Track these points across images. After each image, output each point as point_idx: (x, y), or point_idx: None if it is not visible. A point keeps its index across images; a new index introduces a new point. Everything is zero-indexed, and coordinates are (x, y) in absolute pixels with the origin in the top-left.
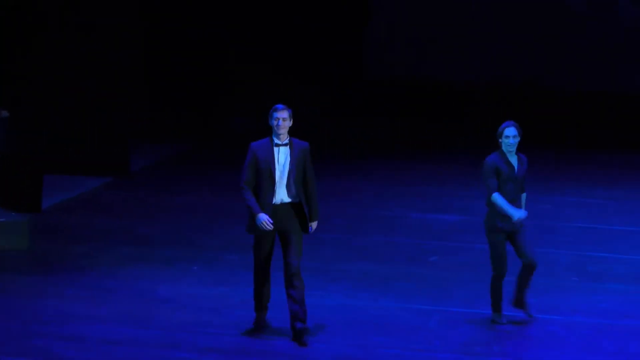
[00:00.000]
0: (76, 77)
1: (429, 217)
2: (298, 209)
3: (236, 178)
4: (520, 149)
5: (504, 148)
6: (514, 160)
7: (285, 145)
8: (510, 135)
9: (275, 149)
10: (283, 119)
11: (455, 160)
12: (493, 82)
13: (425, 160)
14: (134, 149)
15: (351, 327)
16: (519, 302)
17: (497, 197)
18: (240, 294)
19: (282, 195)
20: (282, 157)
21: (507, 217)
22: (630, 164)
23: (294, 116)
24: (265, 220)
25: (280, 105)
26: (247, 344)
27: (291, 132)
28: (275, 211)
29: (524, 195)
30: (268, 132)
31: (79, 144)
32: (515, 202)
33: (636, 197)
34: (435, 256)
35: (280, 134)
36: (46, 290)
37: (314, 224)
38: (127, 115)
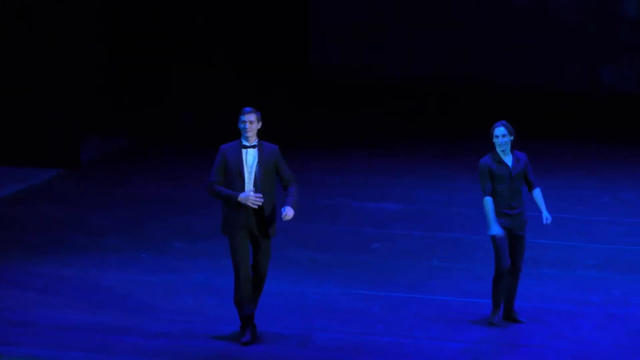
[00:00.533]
0: (27, 69)
1: (370, 206)
2: (267, 210)
3: (182, 169)
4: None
5: (496, 148)
6: (508, 159)
7: (254, 147)
8: (499, 135)
9: (244, 150)
10: (250, 122)
11: (395, 150)
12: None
13: (366, 151)
14: (84, 141)
15: (295, 312)
16: (508, 315)
17: (486, 202)
18: (188, 280)
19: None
20: (250, 158)
21: (505, 214)
22: (559, 153)
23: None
24: (251, 195)
25: (247, 109)
26: (195, 329)
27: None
28: (246, 211)
29: (537, 191)
30: (210, 124)
31: (29, 136)
32: (514, 200)
33: (568, 186)
34: (377, 243)
35: (248, 137)
36: None
37: (289, 211)
38: (78, 107)
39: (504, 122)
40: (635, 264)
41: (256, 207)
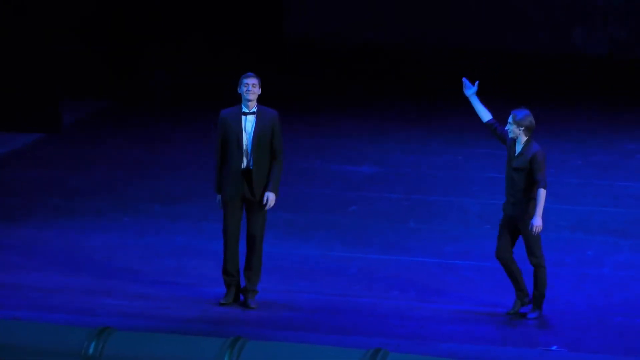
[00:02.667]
0: (6, 36)
1: (347, 169)
2: (263, 177)
3: (160, 132)
4: None
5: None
6: (518, 147)
7: (253, 113)
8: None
9: (243, 117)
10: (253, 84)
11: (371, 114)
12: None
13: (342, 114)
14: (63, 104)
15: (275, 274)
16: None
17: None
18: (169, 243)
19: (249, 162)
20: (249, 125)
21: (507, 201)
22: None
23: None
24: (218, 203)
25: (250, 73)
26: (176, 291)
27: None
28: (243, 177)
29: (538, 192)
30: (186, 87)
31: (9, 101)
32: (513, 195)
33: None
34: (354, 206)
35: (249, 101)
36: None
37: (270, 196)
38: (57, 71)
39: (515, 110)
40: (608, 225)
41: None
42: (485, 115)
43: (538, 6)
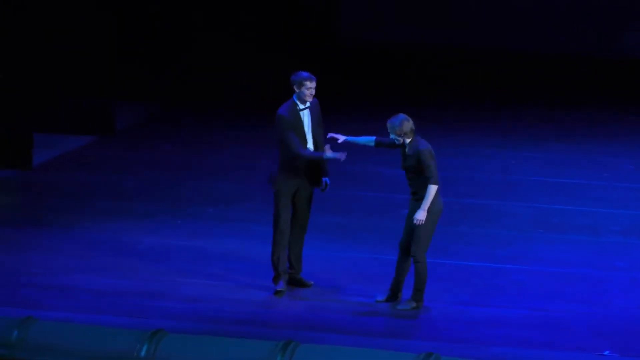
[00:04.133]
0: (60, 40)
1: (398, 172)
2: (318, 164)
3: (212, 135)
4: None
5: None
6: (407, 149)
7: (307, 108)
8: None
9: (301, 113)
10: (314, 87)
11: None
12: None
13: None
14: (117, 108)
15: (325, 276)
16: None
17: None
18: (219, 245)
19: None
20: (306, 119)
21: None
22: (584, 120)
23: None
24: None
25: (313, 76)
26: (226, 293)
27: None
28: (299, 167)
29: (429, 188)
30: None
31: (64, 104)
32: (414, 193)
33: (591, 152)
34: (405, 210)
35: (307, 101)
36: (35, 244)
37: (328, 181)
38: (112, 75)
39: (391, 120)
40: None
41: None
42: (367, 139)
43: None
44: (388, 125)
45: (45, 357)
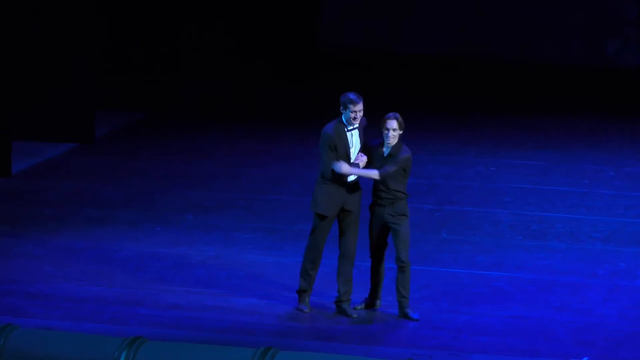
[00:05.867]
0: (41, 46)
1: None
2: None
3: (192, 143)
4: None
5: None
6: (385, 149)
7: (356, 128)
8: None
9: (349, 133)
10: (360, 111)
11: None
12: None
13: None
14: (97, 115)
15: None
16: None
17: None
18: (200, 253)
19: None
20: (354, 140)
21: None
22: (565, 128)
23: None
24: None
25: (357, 98)
26: (207, 301)
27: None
28: (348, 189)
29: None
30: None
31: (44, 112)
32: (381, 199)
33: (572, 159)
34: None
35: (354, 124)
36: (16, 251)
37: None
38: (91, 83)
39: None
40: None
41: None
42: (372, 171)
43: (568, 19)
44: (396, 120)
45: None
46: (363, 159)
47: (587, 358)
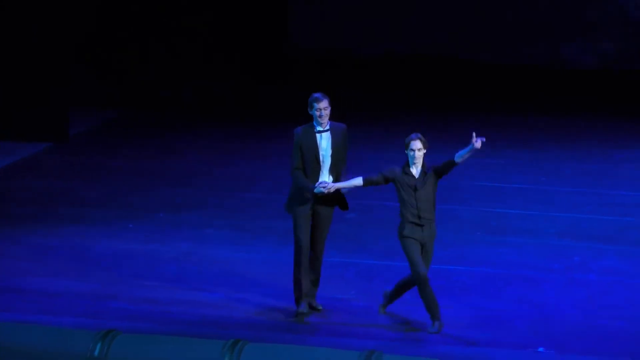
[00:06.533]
0: (13, 47)
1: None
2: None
3: (165, 142)
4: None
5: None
6: (416, 171)
7: (327, 130)
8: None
9: (318, 135)
10: (324, 108)
11: (375, 124)
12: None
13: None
14: (71, 115)
15: (273, 279)
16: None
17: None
18: (172, 249)
19: (325, 177)
20: (324, 142)
21: None
22: (523, 126)
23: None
24: (319, 185)
25: (319, 96)
26: (178, 295)
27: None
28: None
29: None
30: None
31: (17, 111)
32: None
33: (530, 157)
34: (352, 213)
35: (322, 123)
36: None
37: (330, 184)
38: (65, 82)
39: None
40: (595, 232)
41: (324, 193)
42: (355, 180)
43: (534, 22)
44: (419, 141)
45: (3, 356)
46: (328, 186)
47: (542, 349)
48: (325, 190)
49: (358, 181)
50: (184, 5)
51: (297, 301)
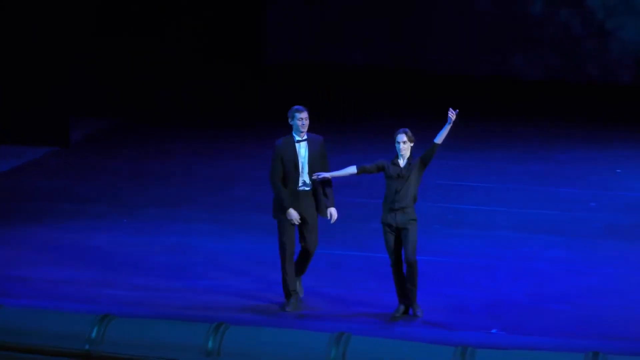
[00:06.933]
0: (13, 47)
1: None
2: (315, 194)
3: (156, 146)
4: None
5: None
6: (402, 160)
7: (305, 140)
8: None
9: (297, 144)
10: (306, 118)
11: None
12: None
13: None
14: (73, 121)
15: (257, 268)
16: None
17: None
18: (164, 241)
19: (304, 183)
20: (302, 150)
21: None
22: (477, 131)
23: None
24: (294, 217)
25: (301, 107)
26: (168, 282)
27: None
28: (299, 196)
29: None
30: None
31: (24, 117)
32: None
33: (485, 158)
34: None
35: (302, 132)
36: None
37: (333, 210)
38: (66, 83)
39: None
40: (541, 225)
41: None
42: (348, 170)
43: (482, 33)
44: (405, 135)
45: (10, 338)
46: (321, 175)
47: (495, 330)
48: (319, 179)
49: (352, 169)
50: (184, 5)
51: (287, 297)
